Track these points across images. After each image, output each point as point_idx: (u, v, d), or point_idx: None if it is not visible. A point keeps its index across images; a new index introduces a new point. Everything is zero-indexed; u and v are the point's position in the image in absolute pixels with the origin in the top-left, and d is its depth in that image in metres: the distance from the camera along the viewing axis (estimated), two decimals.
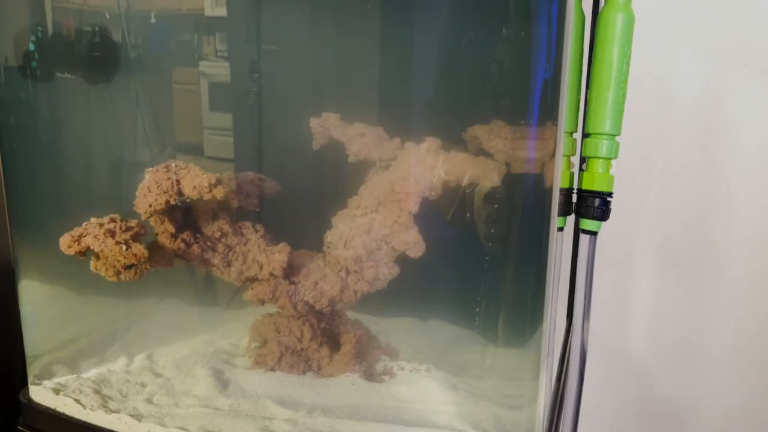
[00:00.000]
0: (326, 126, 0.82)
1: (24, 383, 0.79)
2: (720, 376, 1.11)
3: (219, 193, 0.71)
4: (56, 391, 0.75)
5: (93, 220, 0.72)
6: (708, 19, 1.00)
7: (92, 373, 0.79)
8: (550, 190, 0.58)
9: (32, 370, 0.79)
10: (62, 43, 0.77)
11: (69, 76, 0.78)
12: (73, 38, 0.77)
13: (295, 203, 0.85)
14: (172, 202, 0.70)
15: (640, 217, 1.09)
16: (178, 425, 0.68)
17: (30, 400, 0.76)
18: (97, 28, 0.78)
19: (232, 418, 0.69)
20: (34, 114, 0.78)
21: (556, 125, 0.56)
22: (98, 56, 0.79)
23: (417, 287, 0.85)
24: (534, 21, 0.56)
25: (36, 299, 0.80)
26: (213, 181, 0.70)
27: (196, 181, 0.70)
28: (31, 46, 0.76)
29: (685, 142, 1.04)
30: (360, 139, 0.82)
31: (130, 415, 0.70)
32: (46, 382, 0.77)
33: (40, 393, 0.76)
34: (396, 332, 0.90)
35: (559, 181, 0.59)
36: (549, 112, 0.55)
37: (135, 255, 0.69)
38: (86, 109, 0.81)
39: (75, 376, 0.78)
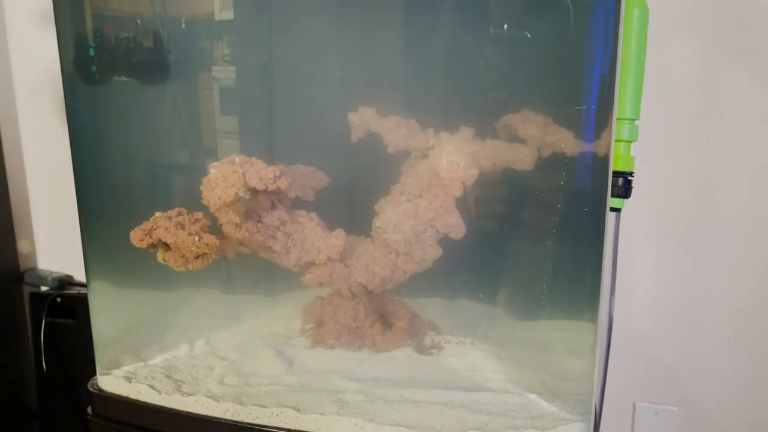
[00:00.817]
0: (364, 119, 0.88)
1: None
2: (718, 342, 1.19)
3: (283, 183, 0.76)
4: (128, 379, 0.79)
5: (158, 214, 0.76)
6: (702, 9, 1.08)
7: (158, 360, 0.83)
8: (605, 173, 0.65)
9: (100, 361, 0.82)
10: (121, 47, 0.81)
11: (125, 78, 0.82)
12: (131, 42, 0.80)
13: (339, 193, 0.90)
14: (241, 194, 0.75)
15: (640, 194, 1.17)
16: (255, 403, 0.73)
17: (101, 390, 0.80)
18: (152, 32, 0.82)
19: (304, 393, 0.74)
20: (96, 117, 0.81)
21: (611, 113, 0.63)
22: (154, 59, 0.83)
23: (445, 269, 0.91)
24: (591, 15, 0.63)
25: (102, 293, 0.84)
26: (277, 173, 0.75)
27: (261, 173, 0.75)
28: (91, 51, 0.79)
29: (682, 125, 1.12)
30: (397, 130, 0.88)
31: (207, 396, 0.74)
32: (116, 372, 0.81)
33: (110, 382, 0.80)
34: (428, 311, 0.96)
35: (612, 164, 0.66)
36: (605, 102, 0.62)
37: (207, 245, 0.74)
38: (140, 111, 0.85)
39: (142, 364, 0.82)
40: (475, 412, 0.70)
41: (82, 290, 1.34)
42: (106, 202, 0.85)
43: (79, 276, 1.41)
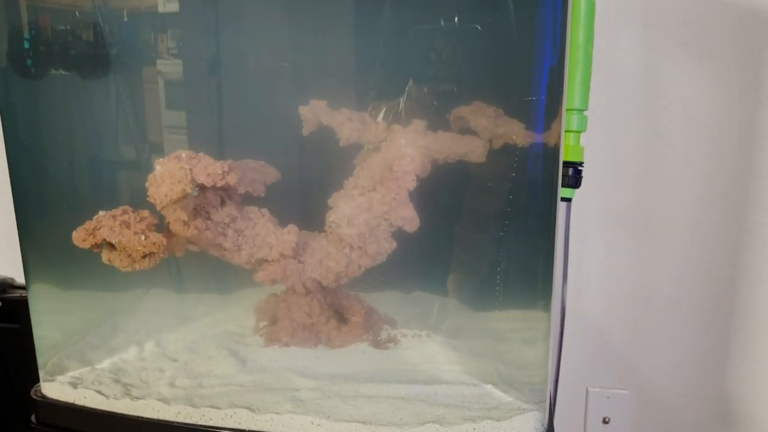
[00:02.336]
0: (315, 112, 0.86)
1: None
2: (666, 326, 1.22)
3: (232, 179, 0.74)
4: (73, 385, 0.76)
5: (102, 213, 0.74)
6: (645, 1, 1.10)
7: (106, 364, 0.80)
8: (555, 163, 0.65)
9: (43, 367, 0.79)
10: (58, 39, 0.77)
11: (64, 72, 0.79)
12: (69, 35, 0.77)
13: (291, 188, 0.88)
14: (189, 191, 0.73)
15: (589, 185, 1.19)
16: (208, 404, 0.71)
17: (44, 397, 0.77)
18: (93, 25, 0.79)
19: (259, 392, 0.73)
20: (33, 113, 0.78)
21: (560, 104, 0.63)
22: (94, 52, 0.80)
23: (399, 262, 0.91)
24: (540, 6, 0.63)
25: (43, 296, 0.81)
26: (226, 168, 0.74)
27: (209, 168, 0.73)
28: (26, 44, 0.76)
29: (628, 115, 1.14)
30: (349, 123, 0.87)
31: (158, 400, 0.72)
32: (60, 377, 0.78)
33: (55, 388, 0.77)
34: (384, 305, 0.96)
35: (562, 154, 0.66)
36: (554, 93, 0.62)
37: (154, 244, 0.72)
38: (80, 106, 0.82)
39: (89, 368, 0.79)
40: (432, 405, 0.70)
41: (25, 293, 1.28)
42: (45, 201, 0.82)
43: (21, 278, 1.35)
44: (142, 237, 0.71)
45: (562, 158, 0.67)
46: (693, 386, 1.22)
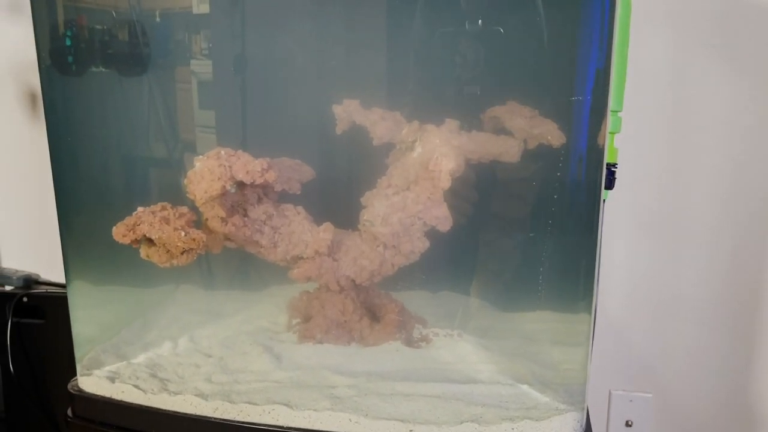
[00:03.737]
0: (349, 111, 0.87)
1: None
2: (689, 329, 1.22)
3: (271, 177, 0.75)
4: (111, 380, 0.77)
5: (141, 208, 0.74)
6: (675, 2, 1.10)
7: (141, 359, 0.81)
8: (600, 165, 0.65)
9: (80, 361, 0.80)
10: (99, 37, 0.78)
11: (104, 69, 0.79)
12: (109, 33, 0.78)
13: (324, 186, 0.89)
14: (228, 188, 0.73)
15: (617, 184, 1.19)
16: (246, 400, 0.72)
17: (81, 391, 0.78)
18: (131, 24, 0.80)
19: (296, 389, 0.73)
20: (75, 110, 0.78)
21: (606, 106, 0.63)
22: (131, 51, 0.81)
23: (429, 261, 0.91)
24: (586, 9, 0.63)
25: (81, 291, 0.81)
26: (265, 166, 0.74)
27: (249, 166, 0.74)
28: (68, 42, 0.76)
29: (655, 116, 1.14)
30: (382, 122, 0.87)
31: (195, 395, 0.73)
32: (97, 372, 0.79)
33: (92, 383, 0.77)
34: (412, 304, 0.96)
35: (606, 156, 0.66)
36: (600, 95, 0.62)
37: (194, 240, 0.72)
38: (118, 103, 0.83)
39: (125, 363, 0.80)
40: (470, 404, 0.70)
41: (50, 289, 1.29)
42: (84, 197, 0.83)
43: (45, 274, 1.36)
44: (182, 233, 0.71)
45: (605, 160, 0.67)
46: (716, 389, 1.21)
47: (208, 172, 0.73)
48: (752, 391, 1.19)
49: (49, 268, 1.31)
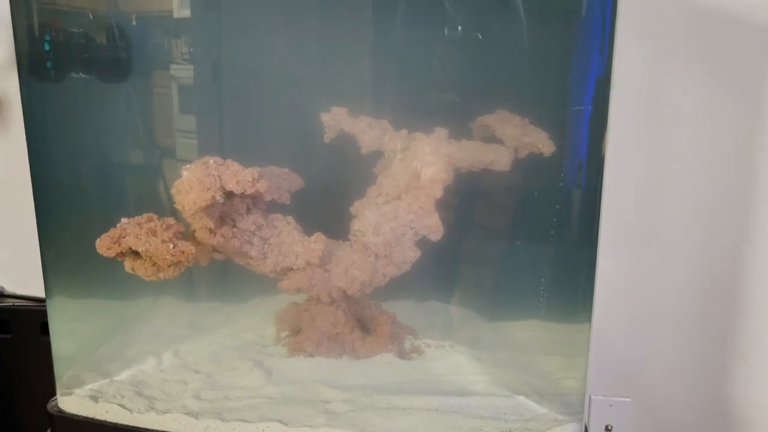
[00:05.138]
0: (337, 120, 0.85)
1: None
2: (667, 333, 1.23)
3: (262, 186, 0.72)
4: (94, 399, 0.73)
5: (125, 220, 0.71)
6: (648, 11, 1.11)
7: (125, 376, 0.78)
8: (601, 173, 0.65)
9: (60, 380, 0.76)
10: (79, 42, 0.75)
11: (84, 76, 0.76)
12: (91, 39, 0.75)
13: (312, 195, 0.87)
14: (218, 198, 0.71)
15: None
16: (238, 417, 0.69)
17: (62, 412, 0.74)
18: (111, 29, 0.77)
19: (289, 405, 0.71)
20: (54, 117, 0.75)
21: (607, 114, 0.63)
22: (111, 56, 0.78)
23: (417, 271, 0.90)
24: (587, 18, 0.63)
25: (63, 305, 0.78)
26: (256, 176, 0.72)
27: (239, 176, 0.71)
28: (46, 46, 0.73)
29: (632, 126, 1.15)
30: (370, 131, 0.86)
31: (185, 414, 0.70)
32: (78, 391, 0.75)
33: (74, 403, 0.74)
34: (399, 314, 0.94)
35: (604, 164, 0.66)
36: (600, 103, 0.62)
37: (183, 252, 0.70)
38: (99, 110, 0.80)
39: (108, 380, 0.77)
40: (468, 417, 0.69)
41: (17, 302, 1.24)
42: (65, 206, 0.80)
43: (11, 287, 1.31)
44: (171, 245, 0.69)
45: (604, 169, 0.67)
46: (694, 393, 1.23)
47: (196, 182, 0.71)
48: (729, 394, 1.20)
49: (14, 280, 1.25)
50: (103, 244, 0.69)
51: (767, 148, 1.07)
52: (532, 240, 0.87)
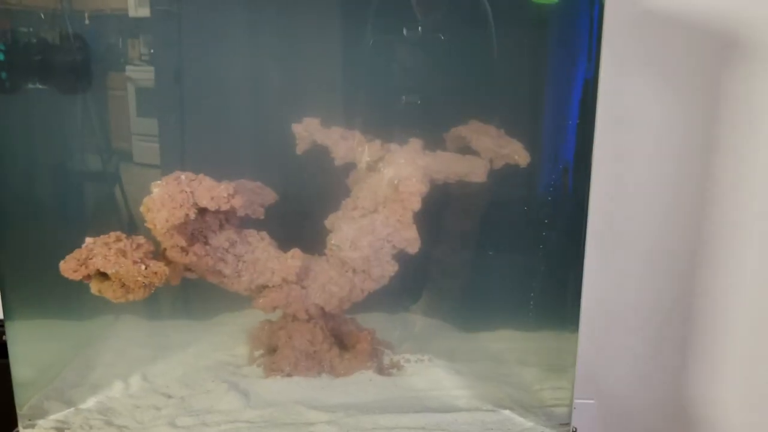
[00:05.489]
0: (309, 131, 0.83)
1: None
2: (628, 336, 1.25)
3: (237, 202, 0.70)
4: (59, 430, 0.69)
5: (90, 239, 0.68)
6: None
7: (91, 403, 0.74)
8: (588, 177, 0.64)
9: (20, 409, 0.72)
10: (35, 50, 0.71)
11: (40, 86, 0.72)
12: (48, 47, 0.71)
13: (284, 209, 0.84)
14: (192, 216, 0.68)
15: None
16: None
17: None
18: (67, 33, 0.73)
19: (271, 429, 0.69)
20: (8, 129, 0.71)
21: (593, 118, 0.62)
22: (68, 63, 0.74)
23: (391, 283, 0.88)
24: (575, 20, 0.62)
25: (22, 329, 0.73)
26: (231, 191, 0.69)
27: (213, 191, 0.68)
28: (0, 56, 0.69)
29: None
30: (343, 142, 0.84)
31: None
32: (41, 422, 0.71)
33: None
34: (371, 327, 0.93)
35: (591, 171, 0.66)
36: (588, 107, 0.61)
37: (156, 273, 0.66)
38: (63, 123, 0.75)
39: (73, 410, 0.73)
40: None
41: None
42: (21, 222, 0.75)
43: None
44: (142, 266, 0.65)
45: (591, 175, 0.66)
46: (655, 393, 1.25)
47: (168, 199, 0.67)
48: (688, 394, 1.23)
49: None
50: (69, 267, 0.65)
51: (722, 152, 1.09)
52: (508, 249, 0.87)
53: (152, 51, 0.80)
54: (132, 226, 0.71)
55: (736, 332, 1.15)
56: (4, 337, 1.03)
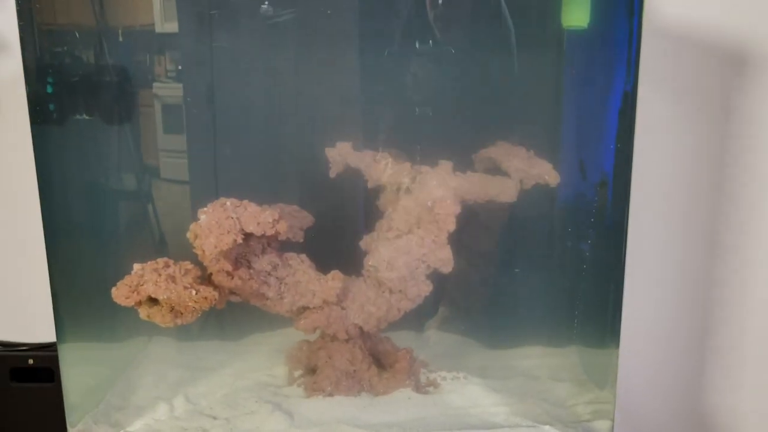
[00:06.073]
0: (342, 155, 0.85)
1: None
2: (647, 345, 1.26)
3: (282, 227, 0.72)
4: None
5: (139, 265, 0.69)
6: None
7: (138, 426, 0.75)
8: (628, 190, 0.66)
9: None
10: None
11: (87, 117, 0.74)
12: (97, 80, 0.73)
13: (319, 232, 0.86)
14: (239, 241, 0.69)
15: None
16: None
17: None
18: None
19: None
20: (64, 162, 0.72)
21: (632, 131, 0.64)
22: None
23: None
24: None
25: (72, 353, 0.75)
26: (276, 217, 0.71)
27: (259, 217, 0.70)
28: (49, 89, 0.70)
29: None
30: (376, 165, 0.86)
31: None
32: None
33: None
34: (401, 345, 0.94)
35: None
36: (627, 119, 0.63)
37: (206, 299, 0.68)
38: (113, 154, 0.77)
39: None
40: None
41: None
42: (74, 252, 0.76)
43: None
44: (193, 292, 0.67)
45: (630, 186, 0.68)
46: (673, 403, 1.26)
47: (216, 226, 0.69)
48: (707, 403, 1.24)
49: None
50: (121, 294, 0.67)
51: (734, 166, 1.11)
52: (539, 266, 0.89)
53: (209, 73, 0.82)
54: (181, 249, 0.72)
55: (755, 341, 1.17)
56: (30, 362, 1.06)
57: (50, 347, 1.03)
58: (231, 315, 0.93)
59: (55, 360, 0.97)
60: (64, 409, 0.88)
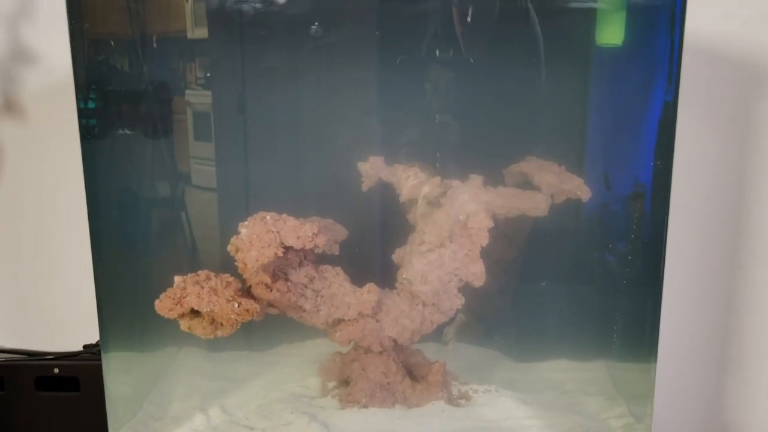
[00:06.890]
0: (375, 168, 0.86)
1: None
2: (666, 359, 1.27)
3: (321, 241, 0.73)
4: None
5: (179, 278, 0.71)
6: None
7: None
8: (667, 202, 0.67)
9: None
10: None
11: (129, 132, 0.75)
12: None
13: (353, 245, 0.87)
14: (280, 255, 0.71)
15: None
16: None
17: None
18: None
19: None
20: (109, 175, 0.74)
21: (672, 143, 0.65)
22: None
23: None
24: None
25: (116, 364, 0.76)
26: (315, 230, 0.72)
27: (299, 231, 0.71)
28: (91, 104, 0.72)
29: None
30: (407, 179, 0.87)
31: None
32: None
33: None
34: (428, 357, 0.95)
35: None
36: (667, 130, 0.64)
37: (248, 311, 0.69)
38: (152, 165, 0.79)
39: None
40: None
41: (9, 357, 1.17)
42: (117, 261, 0.78)
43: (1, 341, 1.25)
44: (236, 304, 0.68)
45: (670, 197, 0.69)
46: (692, 417, 1.27)
47: (257, 239, 0.70)
48: (727, 418, 1.25)
49: (5, 334, 1.19)
50: (165, 306, 0.68)
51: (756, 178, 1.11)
52: (569, 280, 0.89)
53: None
54: (225, 262, 0.73)
55: None
56: (55, 371, 1.07)
57: (75, 356, 1.03)
58: (257, 325, 0.95)
59: (80, 369, 0.99)
60: (89, 418, 0.89)
